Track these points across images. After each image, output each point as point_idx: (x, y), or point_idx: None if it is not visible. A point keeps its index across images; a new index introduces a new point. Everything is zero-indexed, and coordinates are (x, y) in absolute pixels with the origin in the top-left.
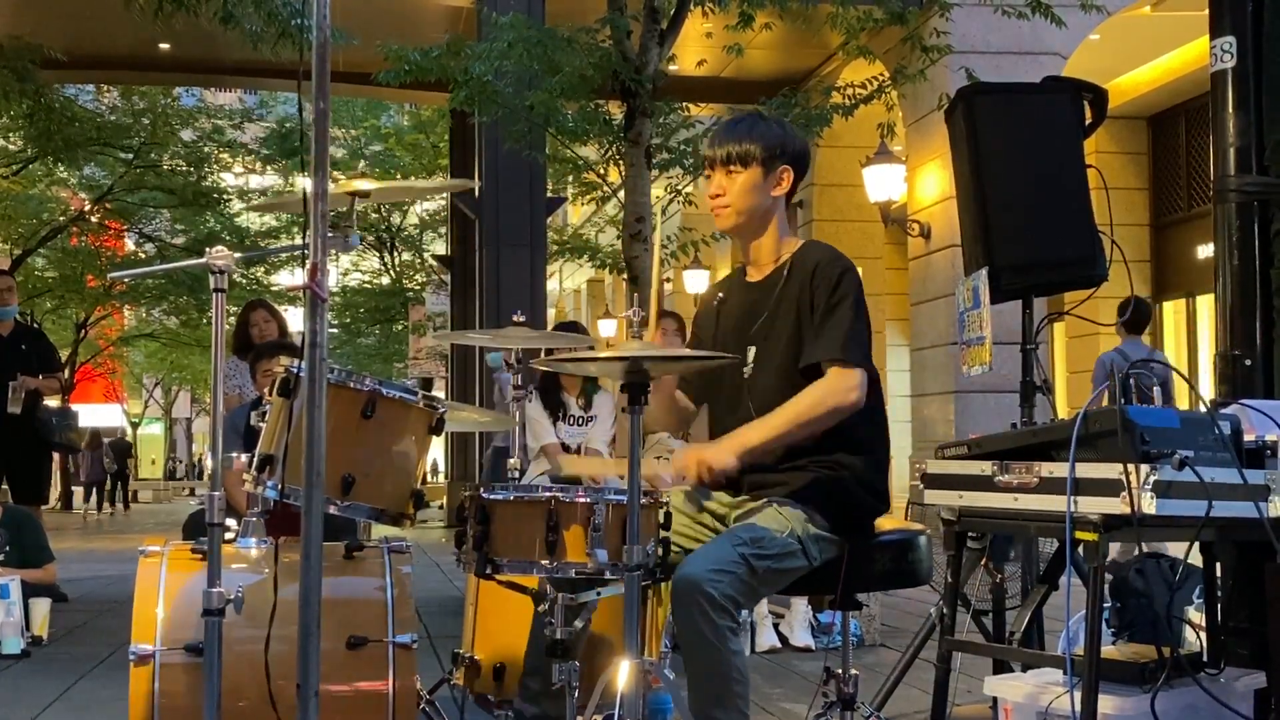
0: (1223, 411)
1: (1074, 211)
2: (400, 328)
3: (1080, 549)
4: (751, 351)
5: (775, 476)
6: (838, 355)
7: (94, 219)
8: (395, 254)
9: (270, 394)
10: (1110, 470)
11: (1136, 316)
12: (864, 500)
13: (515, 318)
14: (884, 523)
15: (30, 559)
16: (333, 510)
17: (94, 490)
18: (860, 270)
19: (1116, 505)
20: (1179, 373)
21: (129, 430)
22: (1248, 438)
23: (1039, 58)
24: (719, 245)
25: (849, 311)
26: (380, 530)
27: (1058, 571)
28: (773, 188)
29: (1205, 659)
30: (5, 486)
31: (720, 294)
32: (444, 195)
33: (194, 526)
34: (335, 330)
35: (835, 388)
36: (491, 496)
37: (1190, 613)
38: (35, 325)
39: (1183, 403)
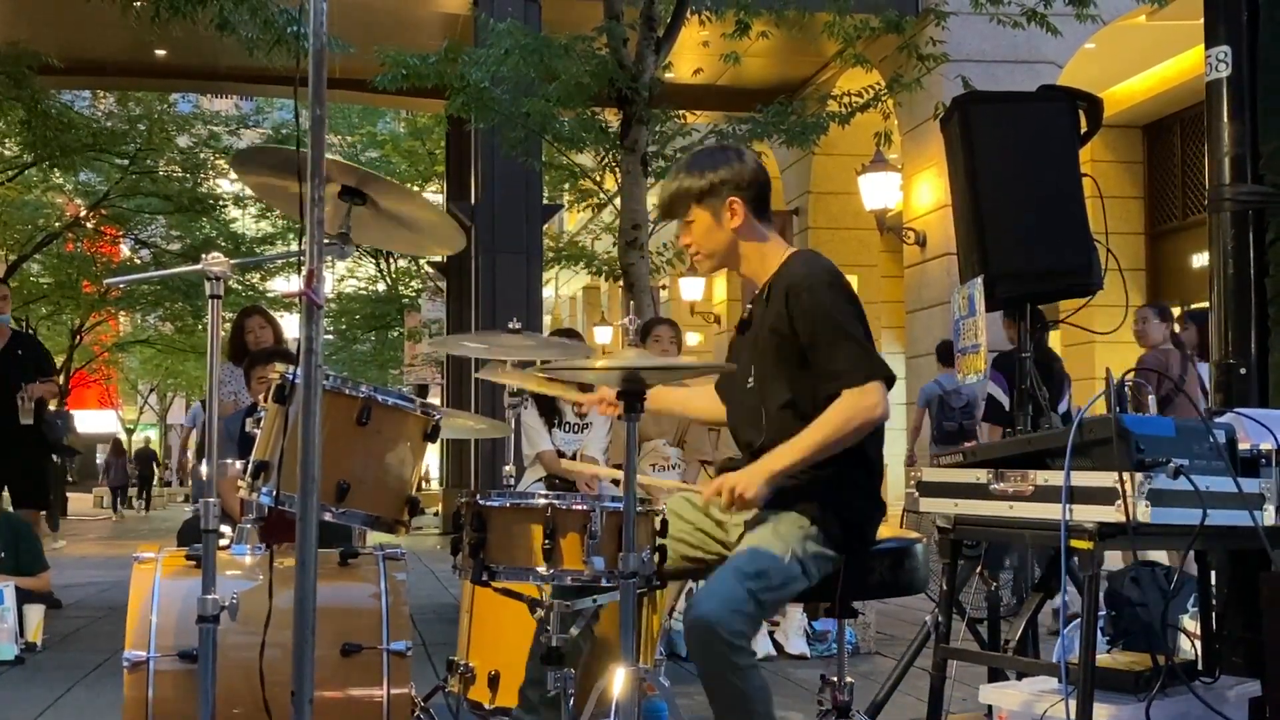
0: (1218, 420)
1: (1069, 220)
2: (396, 334)
3: (1075, 557)
4: (753, 366)
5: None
6: (849, 379)
7: (90, 225)
8: (391, 261)
9: (265, 400)
10: (1105, 479)
11: (946, 351)
12: (863, 508)
13: (511, 325)
14: (880, 531)
15: (25, 566)
16: (328, 517)
17: (118, 493)
18: (856, 278)
19: (1112, 513)
20: (1175, 381)
21: (125, 436)
22: (1242, 446)
23: (1034, 66)
24: None
25: (842, 331)
26: (375, 537)
27: (1053, 579)
28: (727, 221)
29: (1200, 667)
30: (5, 494)
31: (744, 314)
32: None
33: (189, 533)
34: (331, 336)
35: (859, 406)
36: (488, 503)
37: (1185, 621)
38: (30, 330)
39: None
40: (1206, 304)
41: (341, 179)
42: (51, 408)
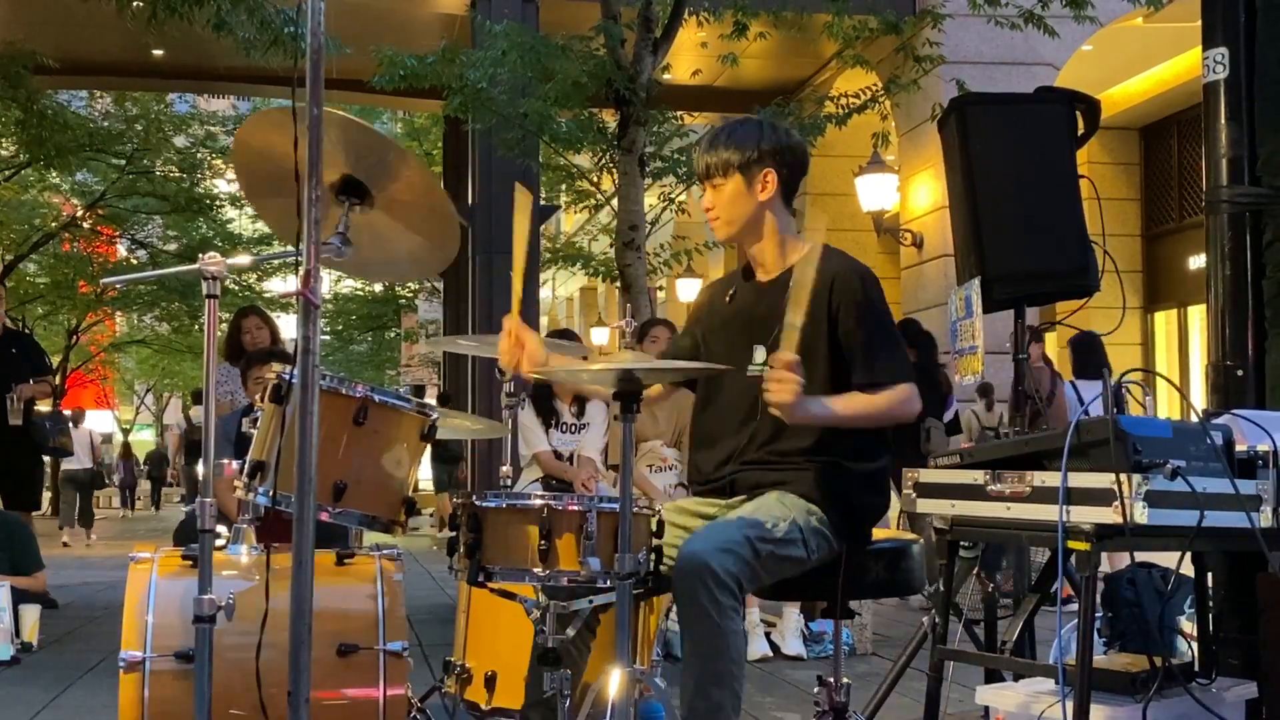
0: (1215, 422)
1: (1066, 222)
2: (393, 335)
3: (1073, 558)
4: (759, 352)
5: (774, 475)
6: (900, 376)
7: (86, 225)
8: None
9: (262, 401)
10: (1102, 480)
11: None
12: (866, 499)
13: None
14: (877, 532)
15: (21, 566)
16: (324, 517)
17: (127, 493)
18: None
19: (1109, 515)
20: (1172, 383)
21: (121, 436)
22: (1239, 448)
23: (1032, 68)
24: (712, 253)
25: (892, 331)
26: (372, 537)
27: (1050, 581)
28: (757, 192)
29: (1197, 669)
30: None
31: (730, 290)
32: None
33: (185, 533)
34: (328, 337)
35: (906, 400)
36: (484, 504)
37: (1182, 622)
38: (27, 330)
39: None
40: (1089, 329)
41: (347, 142)
42: (45, 409)
